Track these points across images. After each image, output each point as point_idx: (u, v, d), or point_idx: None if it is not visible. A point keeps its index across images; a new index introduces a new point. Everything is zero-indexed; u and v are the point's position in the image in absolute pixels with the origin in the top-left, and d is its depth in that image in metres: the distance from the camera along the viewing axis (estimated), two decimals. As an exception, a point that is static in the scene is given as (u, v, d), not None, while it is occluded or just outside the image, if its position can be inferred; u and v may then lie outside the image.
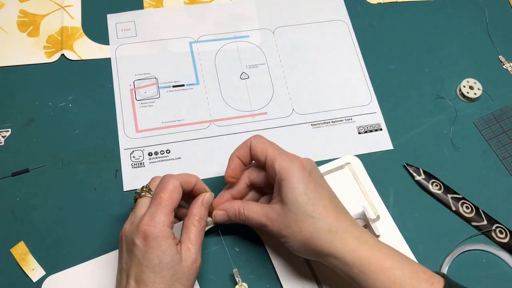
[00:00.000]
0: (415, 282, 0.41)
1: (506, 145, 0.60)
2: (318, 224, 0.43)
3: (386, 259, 0.42)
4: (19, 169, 0.55)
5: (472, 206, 0.56)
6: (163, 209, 0.43)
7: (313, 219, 0.43)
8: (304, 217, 0.44)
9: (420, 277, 0.42)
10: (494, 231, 0.54)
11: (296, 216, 0.44)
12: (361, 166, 0.57)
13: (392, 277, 0.41)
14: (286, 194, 0.44)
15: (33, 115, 0.59)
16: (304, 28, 0.67)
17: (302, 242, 0.44)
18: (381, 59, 0.65)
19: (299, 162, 0.46)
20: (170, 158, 0.57)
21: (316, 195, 0.44)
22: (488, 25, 0.69)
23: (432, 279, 0.42)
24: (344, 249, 0.43)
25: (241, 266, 0.51)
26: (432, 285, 0.41)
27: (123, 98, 0.60)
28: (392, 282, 0.41)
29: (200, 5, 0.68)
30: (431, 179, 0.57)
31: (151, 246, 0.42)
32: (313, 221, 0.43)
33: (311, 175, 0.45)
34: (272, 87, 0.63)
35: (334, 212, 0.44)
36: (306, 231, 0.43)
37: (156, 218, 0.43)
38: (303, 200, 0.44)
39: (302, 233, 0.44)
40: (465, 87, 0.63)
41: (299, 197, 0.44)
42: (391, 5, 0.70)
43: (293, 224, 0.44)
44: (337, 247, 0.43)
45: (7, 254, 0.51)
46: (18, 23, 0.65)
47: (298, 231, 0.44)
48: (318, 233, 0.43)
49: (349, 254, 0.43)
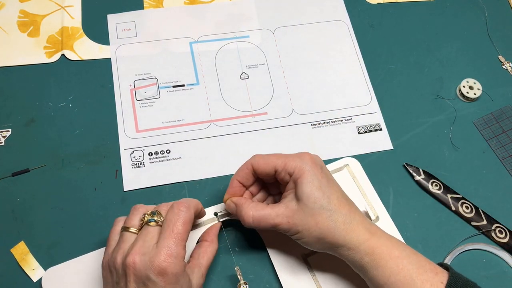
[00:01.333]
0: (421, 270, 0.43)
1: (506, 145, 0.60)
2: (334, 217, 0.45)
3: (395, 249, 0.44)
4: (19, 169, 0.56)
5: (472, 206, 0.56)
6: (181, 242, 0.42)
7: (329, 211, 0.45)
8: (320, 210, 0.45)
9: (426, 267, 0.44)
10: (493, 231, 0.54)
11: (312, 210, 0.45)
12: (359, 167, 0.57)
13: (400, 265, 0.43)
14: (302, 190, 0.45)
15: (33, 115, 0.59)
16: (304, 28, 0.67)
17: (317, 236, 0.45)
18: (381, 59, 0.65)
19: (309, 159, 0.47)
20: (170, 158, 0.57)
21: (329, 189, 0.46)
22: (488, 25, 0.69)
23: (436, 269, 0.44)
24: (358, 239, 0.44)
25: (241, 266, 0.51)
26: (436, 274, 0.43)
27: (123, 98, 0.61)
28: (400, 269, 0.43)
29: (200, 5, 0.68)
30: (431, 179, 0.57)
31: (170, 282, 0.41)
32: (330, 214, 0.45)
33: (323, 170, 0.47)
34: (272, 87, 0.63)
35: (347, 204, 0.46)
36: (322, 224, 0.45)
37: (175, 253, 0.41)
38: (319, 194, 0.45)
39: (319, 226, 0.45)
40: (465, 87, 0.63)
41: (315, 192, 0.45)
42: (391, 5, 0.70)
43: (309, 219, 0.45)
44: (351, 237, 0.44)
45: (7, 254, 0.51)
46: (19, 23, 0.65)
47: (315, 225, 0.45)
48: (334, 225, 0.45)
49: (362, 244, 0.44)
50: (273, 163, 0.47)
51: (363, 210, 0.53)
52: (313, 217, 0.45)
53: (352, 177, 0.56)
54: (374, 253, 0.44)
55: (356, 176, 0.56)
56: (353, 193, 0.55)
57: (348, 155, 0.58)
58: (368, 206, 0.54)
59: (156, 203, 0.54)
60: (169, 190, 0.55)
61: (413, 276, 0.43)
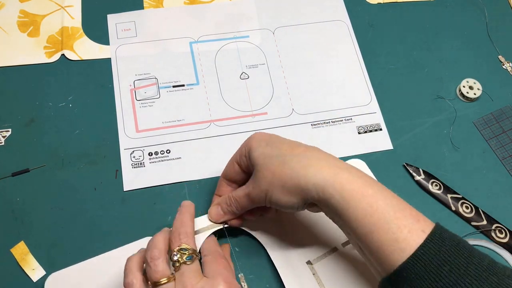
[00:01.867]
0: (399, 215, 0.37)
1: (506, 145, 0.60)
2: (286, 159, 0.41)
3: (368, 187, 0.39)
4: (19, 169, 0.56)
5: (472, 206, 0.56)
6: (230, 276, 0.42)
7: (280, 157, 0.42)
8: (271, 160, 0.42)
9: (406, 212, 0.38)
10: (493, 231, 0.54)
11: (266, 165, 0.42)
12: (366, 169, 0.56)
13: (374, 205, 0.38)
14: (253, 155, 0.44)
15: (33, 115, 0.59)
16: (304, 28, 0.67)
17: (280, 185, 0.41)
18: (381, 59, 0.65)
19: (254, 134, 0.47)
20: (170, 158, 0.57)
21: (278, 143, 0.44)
22: (488, 25, 0.69)
23: (419, 217, 0.38)
24: (323, 176, 0.39)
25: (241, 266, 0.51)
26: (418, 221, 0.37)
27: (123, 98, 0.61)
28: (374, 210, 0.37)
29: (200, 5, 0.68)
30: (431, 179, 0.57)
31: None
32: (282, 159, 0.42)
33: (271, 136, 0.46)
34: (272, 87, 0.63)
35: (301, 146, 0.43)
36: (277, 171, 0.41)
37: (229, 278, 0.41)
38: (267, 150, 0.43)
39: (275, 175, 0.41)
40: (465, 87, 0.63)
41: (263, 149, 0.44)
42: (391, 5, 0.70)
43: (266, 173, 0.42)
44: (314, 175, 0.39)
45: (7, 254, 0.51)
46: (19, 23, 0.65)
47: (272, 175, 0.42)
48: (289, 167, 0.41)
49: (329, 181, 0.39)
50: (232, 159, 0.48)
51: None
52: (268, 170, 0.42)
53: None
54: (343, 189, 0.38)
55: None
56: None
57: (348, 155, 0.58)
58: None
59: (156, 203, 0.54)
60: (169, 190, 0.55)
61: (389, 219, 0.37)
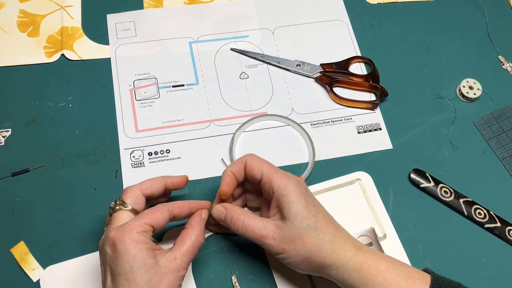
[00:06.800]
0: (410, 282, 0.43)
1: (506, 145, 0.60)
2: (320, 235, 0.44)
3: (381, 262, 0.44)
4: (19, 169, 0.56)
5: (485, 211, 0.55)
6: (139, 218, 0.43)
7: (316, 231, 0.44)
8: (307, 229, 0.44)
9: (414, 277, 0.43)
10: (508, 232, 0.54)
11: (299, 229, 0.44)
12: (371, 183, 0.56)
13: (389, 278, 0.43)
14: (288, 209, 0.45)
15: (33, 115, 0.59)
16: (304, 28, 0.67)
17: (304, 255, 0.44)
18: (381, 59, 0.65)
19: (295, 179, 0.47)
20: (170, 158, 0.57)
21: (315, 209, 0.46)
22: (487, 25, 0.69)
23: (425, 278, 0.43)
24: (345, 256, 0.44)
25: (241, 266, 0.51)
26: (426, 284, 0.43)
27: (123, 98, 0.61)
28: (389, 283, 0.43)
29: (200, 5, 0.68)
30: (439, 185, 0.56)
31: (120, 251, 0.41)
32: (317, 233, 0.44)
33: (307, 191, 0.47)
34: (271, 87, 0.63)
35: (333, 224, 0.46)
36: (309, 243, 0.44)
37: (125, 224, 0.42)
38: (306, 213, 0.45)
39: (305, 246, 0.44)
40: (465, 87, 0.63)
41: (302, 211, 0.45)
42: (391, 5, 0.70)
43: (296, 238, 0.44)
44: (339, 255, 0.44)
45: (7, 254, 0.51)
46: (18, 23, 0.65)
47: (302, 245, 0.44)
48: (321, 244, 0.44)
49: (350, 261, 0.44)
50: (262, 169, 0.47)
51: (370, 226, 0.52)
52: (299, 236, 0.44)
53: (363, 192, 0.56)
54: (361, 269, 0.44)
55: (367, 191, 0.56)
56: (362, 208, 0.55)
57: (347, 154, 0.58)
58: (376, 223, 0.54)
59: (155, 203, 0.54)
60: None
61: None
